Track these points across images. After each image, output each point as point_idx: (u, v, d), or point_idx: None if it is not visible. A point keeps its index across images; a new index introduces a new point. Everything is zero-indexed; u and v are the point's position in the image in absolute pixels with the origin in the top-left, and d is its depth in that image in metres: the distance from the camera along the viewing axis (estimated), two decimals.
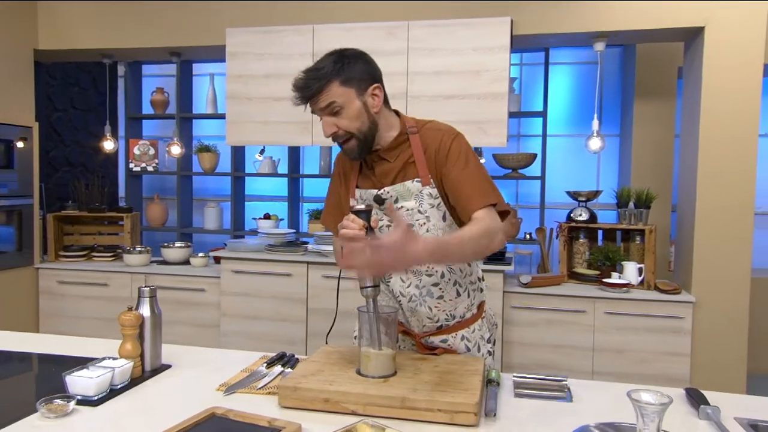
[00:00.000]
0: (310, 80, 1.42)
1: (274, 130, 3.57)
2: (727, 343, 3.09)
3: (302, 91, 1.43)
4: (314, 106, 1.45)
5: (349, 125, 1.44)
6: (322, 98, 1.42)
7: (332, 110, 1.43)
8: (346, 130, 1.45)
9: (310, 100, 1.44)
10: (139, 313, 1.46)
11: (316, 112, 1.46)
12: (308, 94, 1.43)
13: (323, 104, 1.43)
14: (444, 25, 3.29)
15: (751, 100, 3.00)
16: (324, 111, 1.44)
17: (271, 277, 3.49)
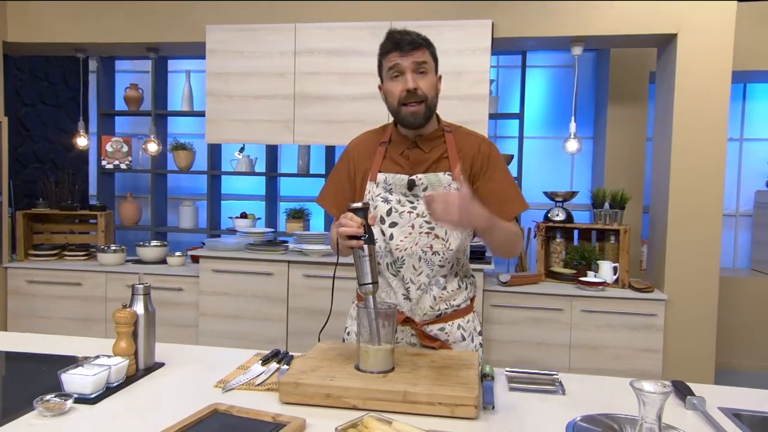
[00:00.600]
0: (413, 36, 1.51)
1: (254, 128, 3.55)
2: (697, 339, 3.20)
3: (411, 37, 1.50)
4: (409, 57, 1.50)
5: (427, 90, 1.53)
6: (420, 54, 1.51)
7: (420, 69, 1.51)
8: (425, 92, 1.52)
9: (411, 51, 1.49)
10: (133, 311, 1.44)
11: (402, 64, 1.50)
12: (418, 42, 1.50)
13: (419, 59, 1.51)
14: (427, 26, 3.30)
15: (720, 105, 3.12)
16: (414, 65, 1.50)
17: (251, 276, 3.47)
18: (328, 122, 3.47)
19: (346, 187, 1.69)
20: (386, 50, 1.53)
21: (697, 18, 3.12)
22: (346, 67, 3.42)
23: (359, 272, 1.45)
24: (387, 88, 1.57)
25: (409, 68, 1.50)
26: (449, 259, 1.58)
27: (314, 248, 3.47)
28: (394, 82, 1.54)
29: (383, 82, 1.60)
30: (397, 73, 1.53)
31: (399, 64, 1.51)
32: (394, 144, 1.64)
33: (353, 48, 3.41)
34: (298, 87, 3.48)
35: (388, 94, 1.58)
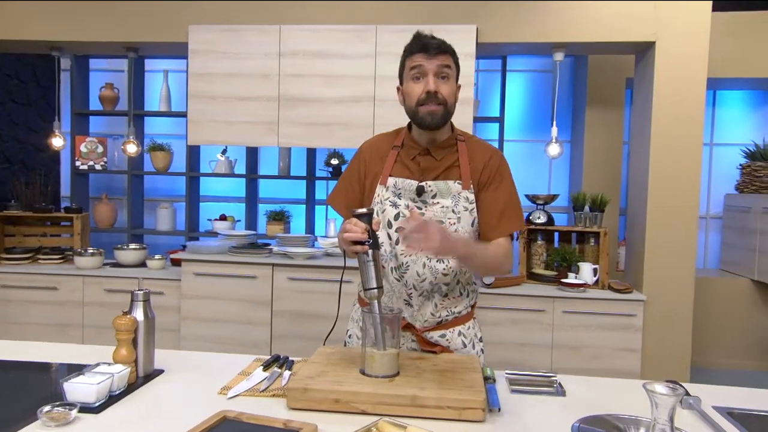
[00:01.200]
0: (440, 40, 1.54)
1: (237, 130, 3.52)
2: (673, 339, 3.30)
3: (438, 41, 1.53)
4: (434, 60, 1.52)
5: (448, 95, 1.54)
6: (444, 58, 1.53)
7: (443, 73, 1.54)
8: (445, 97, 1.53)
9: (437, 55, 1.51)
10: (134, 318, 1.42)
11: (426, 66, 1.52)
12: (444, 47, 1.53)
13: (443, 63, 1.53)
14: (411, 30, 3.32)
15: (696, 111, 3.22)
16: (437, 68, 1.52)
17: (234, 279, 3.44)
18: (313, 124, 3.47)
19: (357, 188, 1.69)
20: (412, 51, 1.54)
21: (674, 27, 3.22)
22: (331, 70, 3.42)
23: (364, 277, 1.45)
24: (407, 89, 1.57)
25: (432, 71, 1.51)
26: (453, 267, 1.59)
27: (298, 251, 3.46)
28: (414, 83, 1.54)
29: (403, 83, 1.60)
30: (419, 75, 1.53)
31: (423, 65, 1.52)
32: (406, 149, 1.64)
33: (338, 51, 3.41)
34: (283, 89, 3.47)
35: (407, 96, 1.57)
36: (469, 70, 3.30)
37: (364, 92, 3.40)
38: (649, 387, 0.96)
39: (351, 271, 3.28)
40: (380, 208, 1.62)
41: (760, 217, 4.07)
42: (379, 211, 1.62)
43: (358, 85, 3.41)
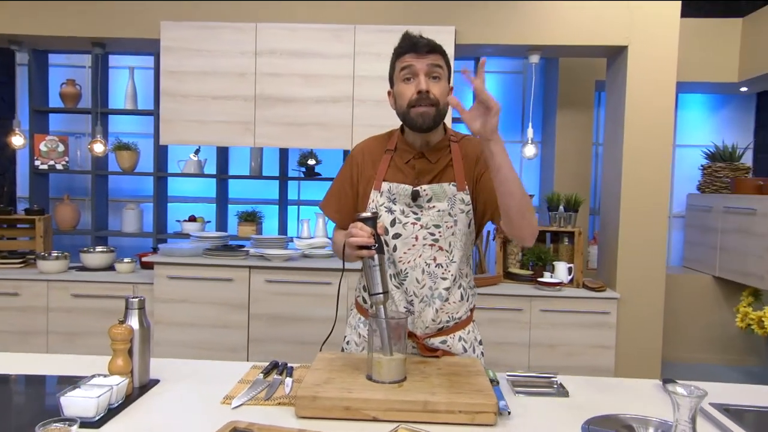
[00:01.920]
0: (429, 40, 1.51)
1: (212, 129, 3.44)
2: (645, 335, 3.40)
3: (427, 40, 1.50)
4: (424, 60, 1.49)
5: (440, 95, 1.51)
6: (435, 57, 1.50)
7: (434, 73, 1.51)
8: (437, 97, 1.50)
9: (427, 54, 1.49)
10: (130, 326, 1.37)
11: (416, 66, 1.49)
12: (434, 45, 1.50)
13: (434, 62, 1.50)
14: (391, 30, 3.34)
15: (666, 114, 3.32)
16: (428, 68, 1.49)
17: (210, 282, 3.36)
18: (290, 125, 3.42)
19: (349, 193, 1.66)
20: (401, 51, 1.51)
21: (645, 31, 3.31)
22: (309, 69, 3.38)
23: (369, 282, 1.43)
24: (398, 90, 1.54)
25: (423, 70, 1.48)
26: (452, 271, 1.58)
27: (276, 253, 3.41)
28: (405, 84, 1.51)
29: (394, 86, 1.57)
30: (409, 75, 1.50)
31: (413, 65, 1.48)
32: (400, 152, 1.61)
33: (316, 50, 3.37)
34: (259, 88, 3.41)
35: (398, 97, 1.54)
36: None
37: (342, 92, 3.37)
38: (670, 388, 0.97)
39: (331, 273, 3.27)
40: (371, 208, 1.60)
41: (721, 216, 4.23)
42: (370, 210, 1.59)
43: (337, 85, 3.38)
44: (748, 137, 4.86)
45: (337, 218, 1.70)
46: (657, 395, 1.48)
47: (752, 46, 4.24)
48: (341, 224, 1.69)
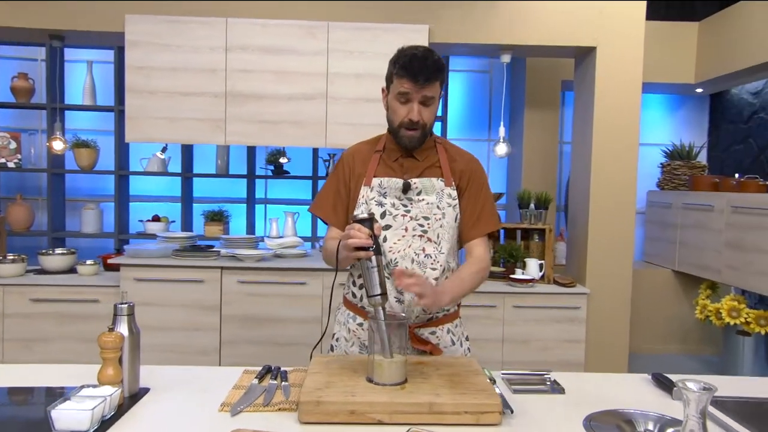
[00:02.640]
0: (429, 68, 1.49)
1: (182, 127, 3.34)
2: (614, 328, 3.49)
3: (429, 70, 1.49)
4: (421, 90, 1.51)
5: (429, 118, 1.57)
6: (430, 88, 1.52)
7: (427, 101, 1.54)
8: (425, 122, 1.56)
9: (425, 84, 1.50)
10: (121, 334, 1.31)
11: (412, 95, 1.52)
12: (433, 76, 1.50)
13: (429, 93, 1.53)
14: (365, 28, 3.31)
15: (633, 113, 3.42)
16: (421, 97, 1.52)
17: (180, 284, 3.27)
18: (263, 122, 3.35)
19: (343, 194, 1.69)
20: (401, 74, 1.52)
21: (613, 33, 3.39)
22: (282, 66, 3.32)
23: (367, 284, 1.42)
24: (392, 106, 1.60)
25: (418, 99, 1.53)
26: (441, 262, 1.60)
27: (248, 253, 3.34)
28: (399, 105, 1.56)
29: (389, 93, 1.62)
30: (404, 100, 1.55)
31: (409, 93, 1.53)
32: (388, 151, 1.67)
33: (289, 46, 3.32)
34: (230, 85, 3.33)
35: (392, 112, 1.60)
36: None
37: (316, 90, 3.33)
38: (681, 384, 1.00)
39: (305, 273, 3.23)
40: (366, 208, 1.63)
41: (680, 212, 4.39)
42: (365, 210, 1.62)
43: (310, 83, 3.33)
44: (703, 136, 5.06)
45: (333, 221, 1.70)
46: (648, 389, 1.52)
47: (708, 49, 4.41)
48: (337, 226, 1.70)
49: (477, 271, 1.61)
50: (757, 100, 4.49)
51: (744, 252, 3.66)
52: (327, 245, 1.66)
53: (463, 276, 1.58)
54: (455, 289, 1.53)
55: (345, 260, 1.48)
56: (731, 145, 4.78)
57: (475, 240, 1.66)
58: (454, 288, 1.53)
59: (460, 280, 1.57)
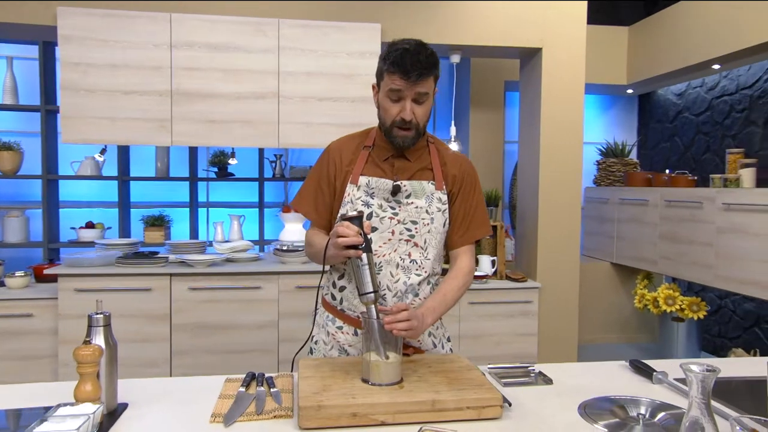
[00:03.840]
0: (422, 63, 1.43)
1: (124, 127, 3.16)
2: (563, 321, 3.61)
3: (421, 65, 1.43)
4: (413, 87, 1.45)
5: (422, 117, 1.52)
6: (422, 84, 1.45)
7: (420, 98, 1.48)
8: (418, 120, 1.50)
9: (417, 80, 1.44)
10: (99, 347, 1.21)
11: (404, 92, 1.46)
12: (426, 72, 1.44)
13: (422, 89, 1.46)
14: (316, 26, 3.26)
15: (577, 113, 3.55)
16: (414, 94, 1.46)
17: (126, 293, 3.09)
18: (212, 122, 3.23)
19: (326, 190, 1.62)
20: (392, 70, 1.45)
21: (557, 34, 3.51)
22: (231, 64, 3.21)
23: (359, 282, 1.39)
24: (383, 104, 1.53)
25: (410, 97, 1.47)
26: (426, 268, 1.58)
27: (199, 258, 3.21)
28: (391, 103, 1.50)
29: (379, 91, 1.55)
30: (396, 98, 1.48)
31: (401, 90, 1.46)
32: (378, 149, 1.61)
33: (238, 44, 3.21)
34: (176, 83, 3.18)
35: (383, 110, 1.54)
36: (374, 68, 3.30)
37: (267, 88, 3.24)
38: (685, 367, 1.03)
39: (259, 277, 3.14)
40: (351, 207, 1.57)
41: (617, 207, 4.61)
42: (350, 210, 1.57)
43: (260, 81, 3.24)
44: (633, 135, 5.34)
45: (315, 218, 1.64)
46: (627, 376, 1.57)
47: (637, 52, 4.66)
48: (318, 223, 1.65)
49: (461, 286, 1.59)
50: (681, 101, 4.79)
51: (677, 243, 3.89)
52: (311, 241, 1.60)
53: (445, 292, 1.56)
54: (438, 308, 1.52)
55: (333, 258, 1.44)
56: (659, 143, 5.07)
57: (461, 247, 1.63)
58: (437, 307, 1.52)
59: (443, 296, 1.55)
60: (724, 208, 3.49)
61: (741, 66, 4.11)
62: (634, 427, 1.24)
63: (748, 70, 4.12)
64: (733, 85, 4.24)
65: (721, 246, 3.52)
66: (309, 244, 1.62)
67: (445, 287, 1.57)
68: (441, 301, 1.54)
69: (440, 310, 1.53)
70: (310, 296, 3.22)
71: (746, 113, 4.13)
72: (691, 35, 4.04)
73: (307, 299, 3.22)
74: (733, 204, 3.42)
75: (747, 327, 4.17)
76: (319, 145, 3.27)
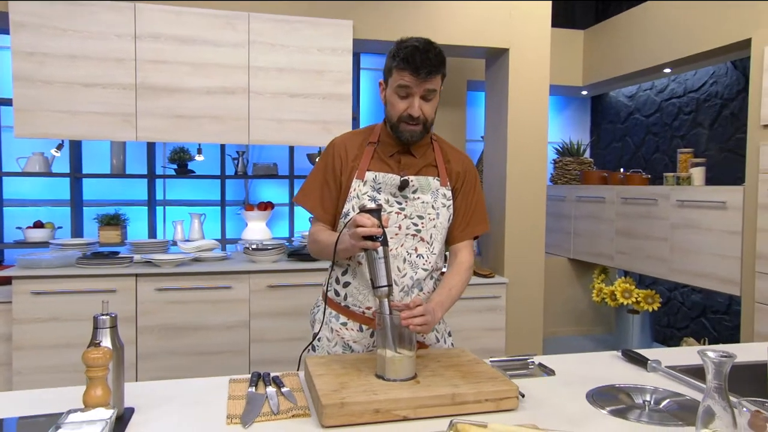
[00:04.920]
0: (432, 61, 1.45)
1: (84, 121, 3.01)
2: (529, 315, 3.70)
3: (430, 62, 1.45)
4: (422, 84, 1.46)
5: (430, 114, 1.53)
6: (431, 81, 1.47)
7: (428, 96, 1.49)
8: (426, 117, 1.51)
9: (427, 77, 1.45)
10: (109, 349, 1.15)
11: (413, 89, 1.47)
12: (435, 70, 1.46)
13: (431, 86, 1.48)
14: (287, 21, 3.21)
15: (542, 113, 3.64)
16: (423, 91, 1.48)
17: (87, 295, 2.94)
18: (179, 117, 3.12)
19: (332, 186, 1.61)
20: (402, 67, 1.46)
21: (523, 36, 3.59)
22: (199, 58, 3.12)
23: (374, 274, 1.38)
24: (390, 100, 1.54)
25: (419, 94, 1.48)
26: (432, 262, 1.59)
27: (167, 258, 3.10)
28: (399, 99, 1.51)
29: (387, 87, 1.56)
30: (405, 94, 1.50)
31: (410, 87, 1.47)
32: (383, 145, 1.61)
33: (206, 37, 3.12)
34: (141, 76, 3.06)
35: (390, 106, 1.55)
36: (346, 65, 3.28)
37: (237, 83, 3.16)
38: (702, 354, 1.08)
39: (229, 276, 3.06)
40: (357, 202, 1.57)
41: (574, 204, 4.77)
42: (356, 205, 1.56)
43: (230, 76, 3.16)
44: (586, 135, 5.54)
45: (320, 212, 1.62)
46: (622, 365, 1.63)
47: (593, 55, 4.83)
48: (324, 218, 1.63)
49: (464, 280, 1.62)
50: (633, 103, 5.01)
51: (634, 239, 4.06)
52: (317, 237, 1.58)
53: (450, 286, 1.58)
54: (445, 302, 1.54)
55: (346, 251, 1.43)
56: (611, 143, 5.28)
57: (462, 242, 1.66)
58: (444, 302, 1.54)
59: (448, 290, 1.57)
60: (678, 204, 3.67)
61: (690, 70, 4.33)
62: (641, 414, 1.28)
63: (694, 75, 4.36)
64: (681, 88, 4.47)
65: (675, 241, 3.71)
66: (315, 240, 1.60)
67: (449, 282, 1.59)
68: (447, 296, 1.56)
69: (447, 305, 1.55)
70: (282, 295, 3.17)
71: (693, 115, 4.36)
72: (644, 40, 4.22)
73: (280, 298, 3.17)
74: (687, 201, 3.61)
75: (694, 317, 4.41)
76: (290, 142, 3.22)
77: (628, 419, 1.23)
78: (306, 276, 3.18)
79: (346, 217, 1.58)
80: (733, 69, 4.03)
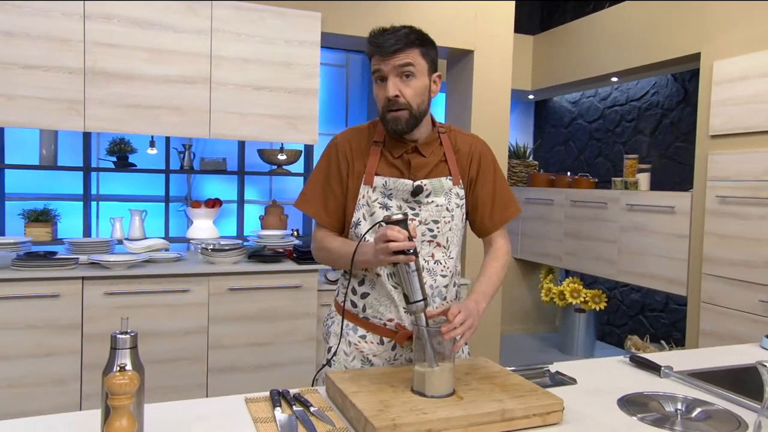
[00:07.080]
0: (398, 35, 1.37)
1: (23, 107, 2.70)
2: (488, 315, 3.74)
3: (394, 37, 1.37)
4: (390, 60, 1.38)
5: (412, 97, 1.41)
6: (402, 56, 1.38)
7: (405, 73, 1.39)
8: (408, 100, 1.40)
9: (394, 54, 1.37)
10: (136, 374, 1.00)
11: (384, 69, 1.39)
12: (401, 43, 1.37)
13: (401, 62, 1.38)
14: (252, 9, 3.03)
15: (503, 115, 3.69)
16: (396, 70, 1.39)
17: (25, 301, 2.64)
18: (134, 107, 2.87)
19: (337, 190, 1.49)
20: (369, 53, 1.41)
21: (489, 38, 3.61)
22: (156, 43, 2.88)
23: (408, 289, 1.30)
24: (375, 92, 1.45)
25: (392, 73, 1.39)
26: (450, 267, 1.53)
27: (118, 260, 2.84)
28: (378, 87, 1.43)
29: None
30: (380, 78, 1.41)
31: (381, 69, 1.40)
32: (389, 145, 1.50)
33: (165, 22, 2.89)
34: (90, 60, 2.78)
35: (376, 99, 1.46)
36: (314, 59, 3.15)
37: (198, 72, 2.95)
38: (760, 365, 1.09)
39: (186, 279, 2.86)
40: (368, 210, 1.47)
41: (522, 206, 4.86)
42: (367, 213, 1.47)
43: (191, 64, 2.94)
44: (530, 138, 5.69)
45: (325, 219, 1.50)
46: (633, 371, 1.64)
47: (542, 61, 4.96)
48: (329, 225, 1.52)
49: (503, 265, 1.56)
50: (576, 108, 5.19)
51: (582, 240, 4.20)
52: (326, 244, 1.47)
53: (491, 274, 1.52)
54: (488, 291, 1.48)
55: (369, 262, 1.35)
56: (554, 147, 5.45)
57: (495, 232, 1.59)
58: (487, 290, 1.48)
59: (488, 278, 1.51)
60: (628, 208, 3.83)
61: (636, 80, 4.54)
62: (675, 422, 1.28)
63: (636, 84, 4.57)
64: (624, 96, 4.68)
65: (623, 243, 3.87)
66: (323, 248, 1.49)
67: (488, 269, 1.54)
68: (488, 284, 1.50)
69: (490, 293, 1.50)
70: (244, 299, 3.00)
71: (635, 123, 4.57)
72: (595, 48, 4.38)
73: (241, 302, 2.99)
74: (636, 205, 3.77)
75: (633, 315, 4.63)
76: (254, 138, 3.05)
77: (674, 429, 1.23)
78: (269, 278, 3.03)
79: (356, 227, 1.48)
80: (673, 81, 4.26)
